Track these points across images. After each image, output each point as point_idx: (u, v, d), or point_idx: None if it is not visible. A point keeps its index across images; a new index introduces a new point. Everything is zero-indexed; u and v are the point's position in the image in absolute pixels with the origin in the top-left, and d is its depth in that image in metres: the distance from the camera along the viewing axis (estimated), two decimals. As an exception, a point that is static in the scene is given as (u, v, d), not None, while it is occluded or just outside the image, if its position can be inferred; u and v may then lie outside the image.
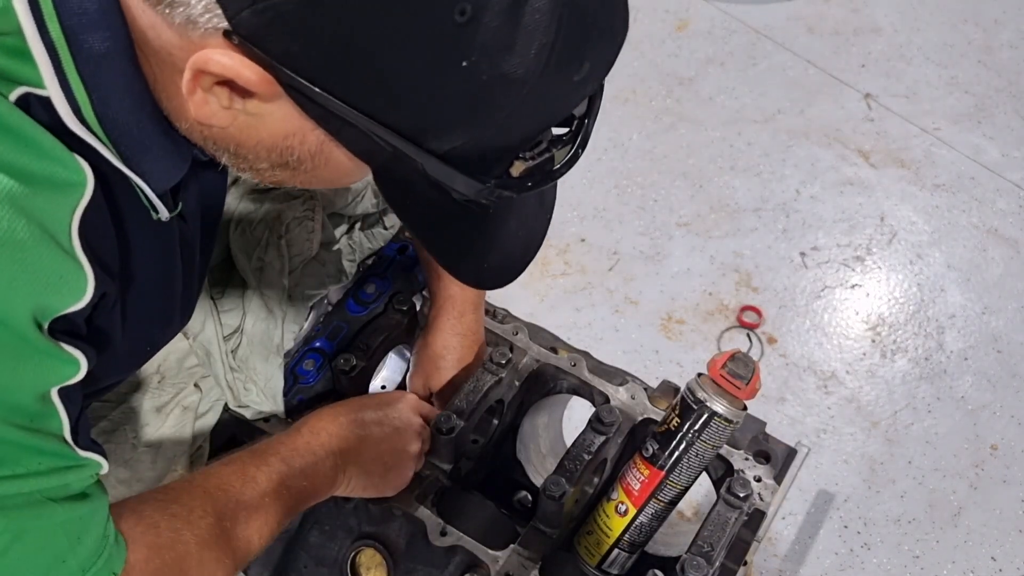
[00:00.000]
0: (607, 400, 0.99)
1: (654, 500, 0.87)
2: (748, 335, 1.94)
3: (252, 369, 0.97)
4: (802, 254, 2.10)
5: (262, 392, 0.96)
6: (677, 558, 0.86)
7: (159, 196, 0.63)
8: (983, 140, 2.34)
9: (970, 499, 1.70)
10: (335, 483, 0.82)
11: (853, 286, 2.04)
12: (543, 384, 1.04)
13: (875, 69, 2.52)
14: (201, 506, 0.69)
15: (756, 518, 0.91)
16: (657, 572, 0.89)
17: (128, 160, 0.58)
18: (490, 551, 0.86)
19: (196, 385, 0.98)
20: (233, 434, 0.99)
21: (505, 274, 0.67)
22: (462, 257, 0.64)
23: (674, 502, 0.88)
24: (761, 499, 0.92)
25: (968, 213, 2.18)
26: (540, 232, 0.69)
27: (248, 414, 0.97)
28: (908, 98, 2.44)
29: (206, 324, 0.97)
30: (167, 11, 0.49)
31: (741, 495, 0.89)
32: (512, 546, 0.87)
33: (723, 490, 0.90)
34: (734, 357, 0.83)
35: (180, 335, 0.98)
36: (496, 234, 0.64)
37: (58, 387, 0.55)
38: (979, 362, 1.91)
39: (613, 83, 2.72)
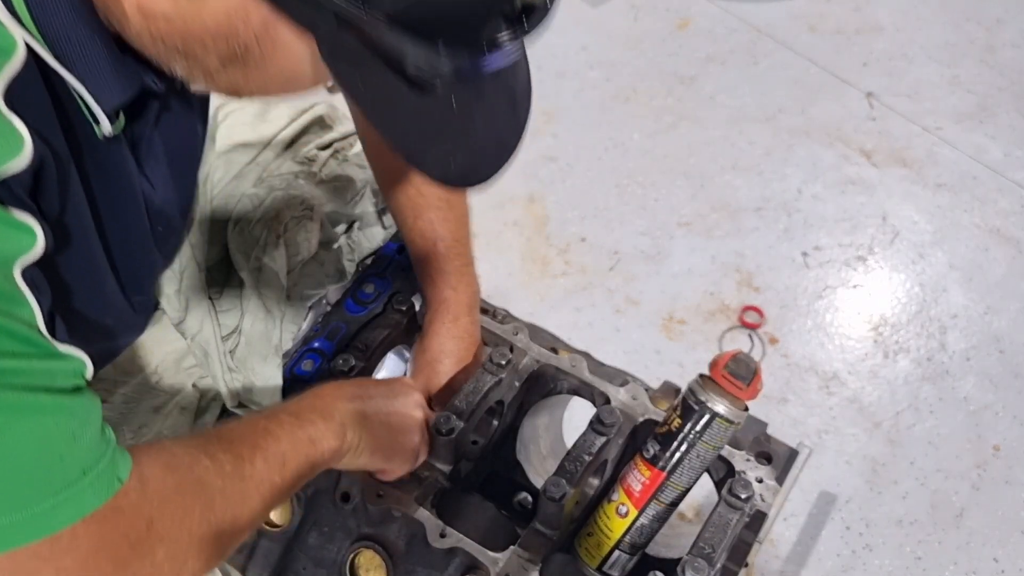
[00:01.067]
0: (608, 401, 0.98)
1: (655, 501, 0.86)
2: (750, 335, 1.93)
3: (250, 369, 0.96)
4: (804, 254, 2.09)
5: (260, 393, 0.96)
6: (678, 560, 0.85)
7: (106, 113, 0.60)
8: (985, 139, 2.33)
9: (972, 500, 1.70)
10: (344, 441, 0.78)
11: (855, 286, 2.04)
12: (543, 385, 1.04)
13: (877, 68, 2.51)
14: (219, 445, 0.65)
15: (757, 519, 0.91)
16: (658, 573, 0.89)
17: (67, 65, 0.56)
18: (490, 553, 0.86)
19: (194, 385, 0.97)
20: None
21: (474, 173, 0.64)
22: (425, 147, 0.60)
23: (675, 503, 0.88)
24: (763, 500, 0.92)
25: (970, 213, 2.17)
26: (512, 135, 0.65)
27: (246, 415, 0.97)
28: (910, 97, 2.44)
29: (204, 324, 0.97)
30: None
31: (742, 496, 0.88)
32: (512, 548, 0.87)
33: (724, 491, 0.90)
34: (735, 358, 0.83)
35: (178, 335, 0.97)
36: (461, 127, 0.61)
37: (20, 266, 0.52)
38: (981, 362, 1.90)
39: (614, 82, 2.75)
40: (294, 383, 0.99)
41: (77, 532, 0.52)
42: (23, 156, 0.52)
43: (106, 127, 0.62)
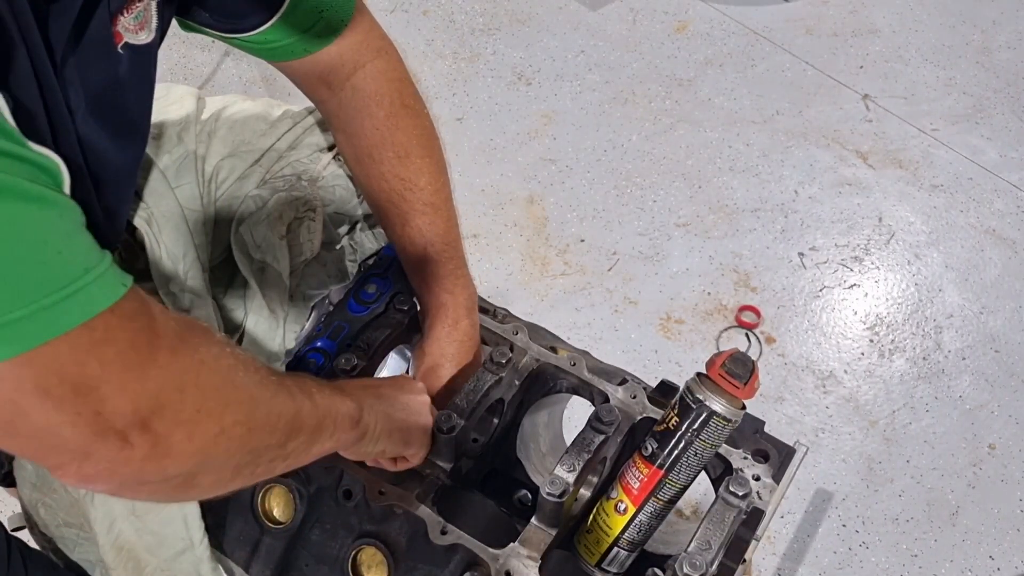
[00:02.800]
0: (607, 399, 0.99)
1: (653, 499, 0.87)
2: (747, 335, 1.94)
3: (254, 368, 0.97)
4: (800, 254, 2.10)
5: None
6: (676, 556, 0.86)
7: None
8: (981, 141, 2.35)
9: (968, 498, 1.71)
10: (361, 422, 0.76)
11: (851, 286, 2.05)
12: (543, 383, 1.05)
13: (873, 70, 2.53)
14: (283, 385, 0.63)
15: (755, 517, 0.92)
16: (656, 570, 0.90)
17: None
18: (490, 549, 0.87)
19: (197, 385, 0.98)
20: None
21: None
22: None
23: (673, 501, 0.89)
24: (760, 498, 0.93)
25: (966, 213, 2.19)
26: None
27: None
28: (906, 99, 2.45)
29: (208, 324, 0.97)
30: None
31: (740, 494, 0.89)
32: (512, 544, 0.88)
33: (722, 489, 0.91)
34: (733, 357, 0.84)
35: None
36: None
37: None
38: (977, 362, 1.91)
39: (612, 85, 2.75)
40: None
41: (108, 323, 0.50)
42: None
43: None
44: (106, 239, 0.89)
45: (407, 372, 1.12)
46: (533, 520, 0.90)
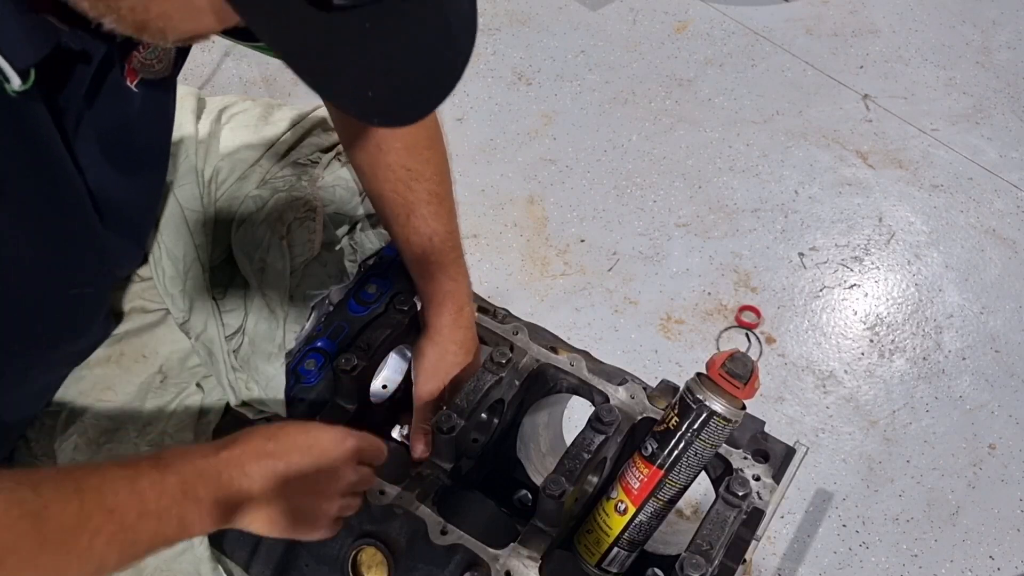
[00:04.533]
0: (607, 399, 0.99)
1: (653, 499, 0.87)
2: (747, 335, 1.94)
3: (254, 369, 0.97)
4: (800, 254, 2.10)
5: (264, 392, 0.97)
6: (676, 556, 0.86)
7: (18, 71, 0.56)
8: (981, 141, 2.35)
9: (968, 498, 1.71)
10: (231, 519, 0.72)
11: (851, 286, 2.05)
12: (543, 383, 1.05)
13: (873, 70, 2.53)
14: (62, 502, 0.58)
15: (755, 517, 0.92)
16: (657, 570, 0.90)
17: None
18: (490, 549, 0.87)
19: (198, 385, 0.98)
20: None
21: (399, 109, 0.56)
22: (332, 74, 0.53)
23: (673, 501, 0.89)
24: (760, 498, 0.93)
25: (966, 213, 2.19)
26: (447, 67, 0.57)
27: (250, 414, 0.98)
28: (906, 99, 2.45)
29: (208, 324, 0.97)
30: None
31: (740, 494, 0.89)
32: (512, 544, 0.88)
33: (722, 489, 0.91)
34: (733, 357, 0.84)
35: (182, 335, 0.98)
36: (377, 51, 0.53)
37: None
38: (977, 362, 1.91)
39: (612, 85, 2.75)
40: (296, 382, 1.01)
41: None
42: None
43: (15, 81, 0.56)
44: (121, 268, 0.89)
45: (407, 369, 1.12)
46: (533, 520, 0.90)
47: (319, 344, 1.03)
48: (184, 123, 1.05)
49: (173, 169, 1.01)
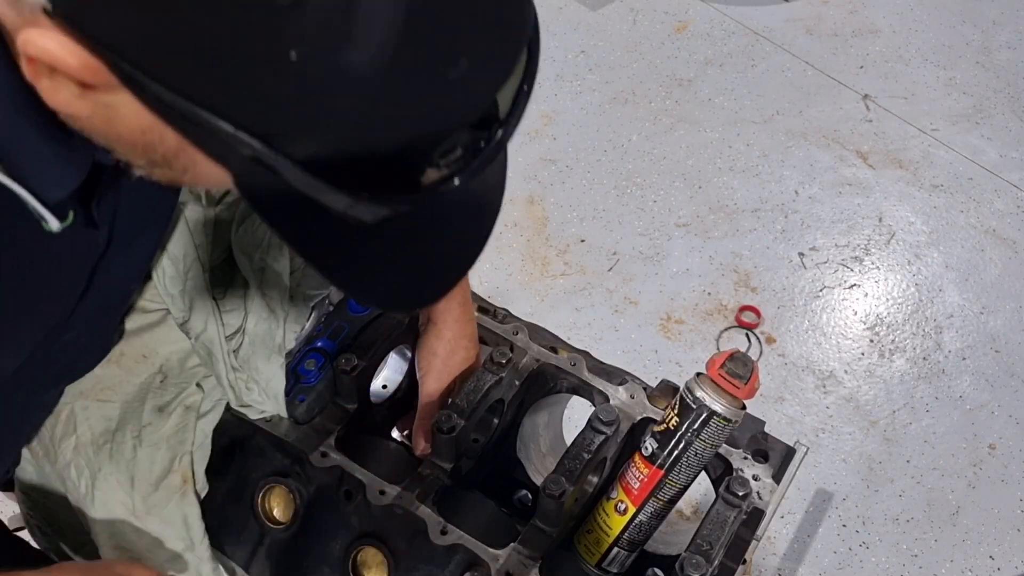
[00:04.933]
0: (607, 399, 0.99)
1: (653, 499, 0.87)
2: (747, 335, 1.94)
3: (254, 369, 0.97)
4: (800, 254, 2.10)
5: (264, 392, 0.97)
6: (676, 556, 0.86)
7: (54, 204, 0.55)
8: (981, 141, 2.35)
9: (968, 498, 1.71)
10: None
11: (851, 286, 2.05)
12: (543, 384, 1.05)
13: (873, 70, 2.53)
14: None
15: (755, 517, 0.92)
16: (657, 571, 0.90)
17: (10, 167, 0.52)
18: (490, 549, 0.87)
19: (198, 385, 0.98)
20: (234, 436, 0.99)
21: (424, 294, 0.57)
22: (366, 283, 0.54)
23: (673, 501, 0.89)
24: (760, 498, 0.93)
25: (966, 213, 2.19)
26: (474, 246, 0.57)
27: (250, 414, 0.98)
28: (906, 99, 2.45)
29: (208, 324, 0.97)
30: None
31: (740, 494, 0.89)
32: (512, 545, 0.88)
33: (722, 489, 0.90)
34: (733, 357, 0.84)
35: (182, 335, 0.98)
36: (408, 256, 0.54)
37: None
38: (977, 362, 1.91)
39: (612, 85, 2.75)
40: (296, 382, 1.01)
41: None
42: None
43: (54, 225, 0.56)
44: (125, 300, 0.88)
45: (407, 370, 1.12)
46: (533, 520, 0.90)
47: (319, 344, 1.03)
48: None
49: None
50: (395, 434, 1.07)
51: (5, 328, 0.58)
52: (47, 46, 0.43)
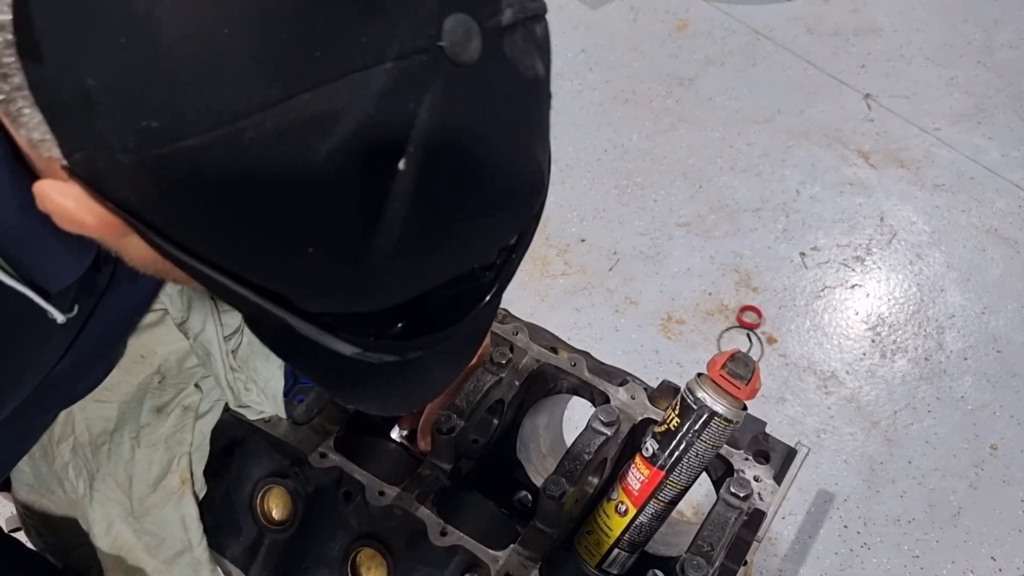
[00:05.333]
0: (607, 400, 0.99)
1: (654, 500, 0.87)
2: (748, 335, 1.94)
3: (253, 369, 0.97)
4: (802, 254, 2.10)
5: (262, 392, 0.97)
6: (677, 558, 0.86)
7: (58, 293, 0.56)
8: (983, 140, 2.34)
9: (970, 499, 1.70)
10: None
11: (853, 286, 2.05)
12: (543, 384, 1.04)
13: (875, 69, 2.52)
14: None
15: (756, 518, 0.91)
16: (657, 572, 0.89)
17: (17, 265, 0.52)
18: (490, 551, 0.86)
19: (196, 385, 0.98)
20: (233, 437, 0.99)
21: (410, 404, 0.60)
22: (360, 395, 0.57)
23: (674, 502, 0.88)
24: (761, 499, 0.92)
25: (968, 213, 2.18)
26: (468, 355, 0.60)
27: (249, 414, 0.98)
28: (908, 98, 2.45)
29: (206, 324, 0.97)
30: (15, 128, 0.43)
31: (741, 495, 0.89)
32: (512, 546, 0.87)
33: (723, 490, 0.90)
34: (734, 357, 0.84)
35: (181, 335, 0.98)
36: (400, 376, 0.55)
37: None
38: (979, 362, 1.91)
39: (613, 84, 2.75)
40: (295, 382, 1.00)
41: None
42: None
43: (59, 318, 0.56)
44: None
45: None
46: (533, 521, 0.90)
47: (318, 344, 1.02)
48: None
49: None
50: (394, 435, 1.07)
51: (6, 383, 0.59)
52: (65, 204, 0.43)
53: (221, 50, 0.36)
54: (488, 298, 0.51)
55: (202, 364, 0.98)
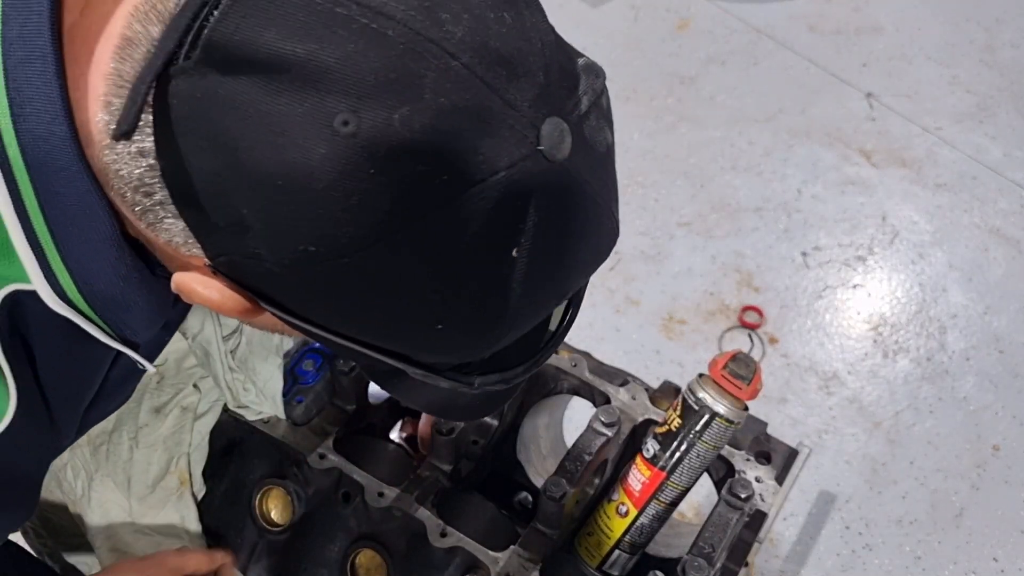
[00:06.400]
0: (608, 401, 0.98)
1: (655, 501, 0.87)
2: (749, 335, 1.93)
3: (251, 369, 0.96)
4: (803, 254, 2.09)
5: (261, 393, 0.96)
6: (678, 559, 0.85)
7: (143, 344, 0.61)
8: (985, 139, 2.33)
9: (972, 500, 1.70)
10: None
11: (855, 286, 2.04)
12: (543, 384, 1.04)
13: (877, 68, 2.52)
14: None
15: (757, 519, 0.91)
16: (658, 573, 0.89)
17: (113, 325, 0.57)
18: (490, 552, 0.86)
19: (195, 385, 0.98)
20: (231, 437, 0.98)
21: (489, 410, 0.69)
22: (446, 411, 0.64)
23: (675, 503, 0.88)
24: (762, 500, 0.92)
25: (970, 213, 2.18)
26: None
27: (248, 415, 0.97)
28: (910, 97, 2.44)
29: (205, 324, 0.97)
30: (151, 229, 0.48)
31: (742, 496, 0.88)
32: (512, 547, 0.87)
33: (724, 491, 0.90)
34: (735, 357, 0.83)
35: (179, 336, 0.97)
36: (486, 395, 0.63)
37: None
38: (981, 362, 1.90)
39: (614, 83, 2.73)
40: (294, 383, 1.00)
41: None
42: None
43: (151, 369, 0.63)
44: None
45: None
46: (534, 523, 0.89)
47: (317, 344, 1.02)
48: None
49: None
50: (394, 435, 1.07)
51: (71, 416, 0.63)
52: (210, 296, 0.49)
53: (368, 187, 0.42)
54: (568, 322, 0.59)
55: (201, 364, 0.97)
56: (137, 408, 0.94)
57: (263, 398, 0.96)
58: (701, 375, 0.85)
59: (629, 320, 1.95)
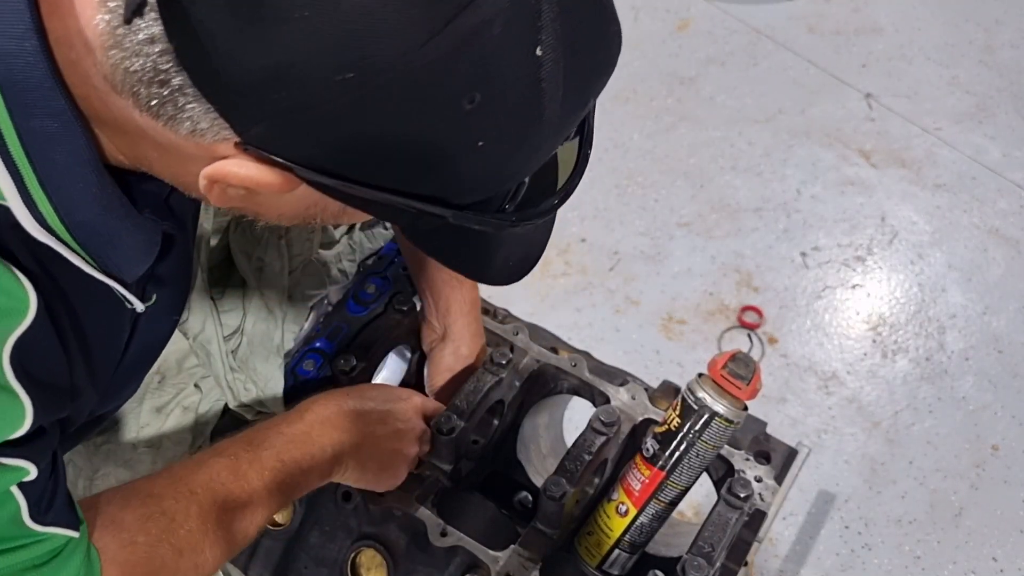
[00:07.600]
0: (608, 400, 0.99)
1: (655, 500, 0.87)
2: (749, 335, 1.93)
3: (252, 369, 0.97)
4: (803, 254, 2.09)
5: (262, 392, 0.96)
6: (678, 558, 0.85)
7: (132, 282, 0.61)
8: (984, 140, 2.34)
9: (971, 499, 1.70)
10: (329, 475, 0.81)
11: (854, 286, 2.04)
12: (544, 384, 1.04)
13: (876, 69, 2.52)
14: (184, 509, 0.68)
15: (757, 518, 0.91)
16: (658, 572, 0.89)
17: (97, 259, 0.56)
18: (490, 552, 0.86)
19: (196, 385, 0.98)
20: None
21: (527, 264, 0.68)
22: (493, 271, 0.64)
23: (675, 502, 0.88)
24: (762, 499, 0.92)
25: (969, 213, 2.18)
26: (550, 228, 0.69)
27: (248, 415, 0.97)
28: (909, 98, 2.44)
29: (206, 324, 0.97)
30: (170, 124, 0.48)
31: (742, 495, 0.88)
32: (512, 547, 0.87)
33: (724, 490, 0.90)
34: (735, 357, 0.83)
35: (180, 335, 0.98)
36: (523, 242, 0.65)
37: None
38: (980, 362, 1.90)
39: (614, 83, 2.72)
40: (296, 383, 1.00)
41: None
42: (23, 426, 0.54)
43: (139, 307, 0.63)
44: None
45: (406, 370, 1.11)
46: (534, 522, 0.89)
47: (318, 344, 1.02)
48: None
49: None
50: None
51: (104, 361, 0.64)
52: (249, 174, 0.48)
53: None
54: (584, 158, 0.58)
55: (202, 364, 0.98)
56: (138, 408, 0.95)
57: (264, 398, 0.96)
58: (701, 375, 0.85)
59: (629, 320, 1.95)
